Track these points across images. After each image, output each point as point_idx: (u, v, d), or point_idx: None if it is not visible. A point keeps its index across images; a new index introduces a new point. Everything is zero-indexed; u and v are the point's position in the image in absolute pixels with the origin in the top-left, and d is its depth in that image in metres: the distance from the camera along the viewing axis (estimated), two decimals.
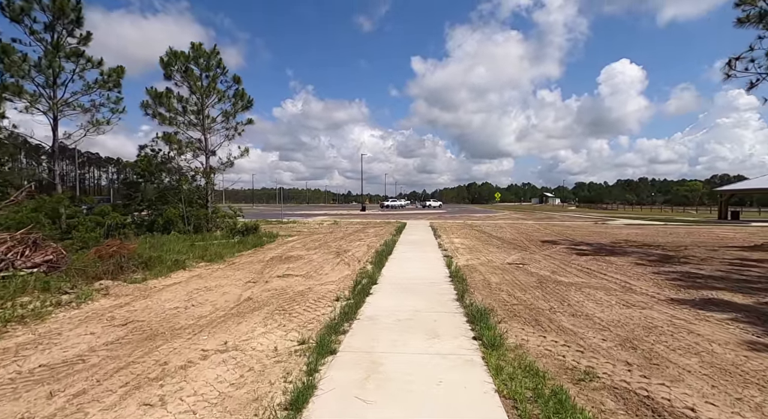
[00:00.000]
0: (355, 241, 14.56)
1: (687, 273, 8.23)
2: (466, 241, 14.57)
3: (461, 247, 12.71)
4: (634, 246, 13.23)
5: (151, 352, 3.91)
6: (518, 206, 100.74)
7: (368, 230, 19.28)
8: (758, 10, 11.41)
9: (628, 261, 9.87)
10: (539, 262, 9.67)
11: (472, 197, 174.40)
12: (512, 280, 7.38)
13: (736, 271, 8.54)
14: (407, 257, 10.34)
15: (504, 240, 14.98)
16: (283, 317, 5.11)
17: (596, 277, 7.71)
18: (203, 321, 4.97)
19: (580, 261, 9.83)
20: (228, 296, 6.30)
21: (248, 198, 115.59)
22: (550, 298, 5.98)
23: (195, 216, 16.08)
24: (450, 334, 4.31)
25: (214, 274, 8.30)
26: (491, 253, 11.33)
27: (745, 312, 5.24)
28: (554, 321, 4.76)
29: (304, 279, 7.62)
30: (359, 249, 12.04)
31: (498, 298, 5.99)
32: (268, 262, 9.82)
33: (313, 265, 9.29)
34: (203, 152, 17.34)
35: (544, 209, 62.71)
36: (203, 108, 16.95)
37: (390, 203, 68.03)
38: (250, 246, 13.03)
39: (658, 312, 5.21)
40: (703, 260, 10.08)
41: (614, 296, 6.09)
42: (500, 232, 18.59)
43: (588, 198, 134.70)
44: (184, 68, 16.04)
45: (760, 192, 34.86)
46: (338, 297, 6.02)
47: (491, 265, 9.19)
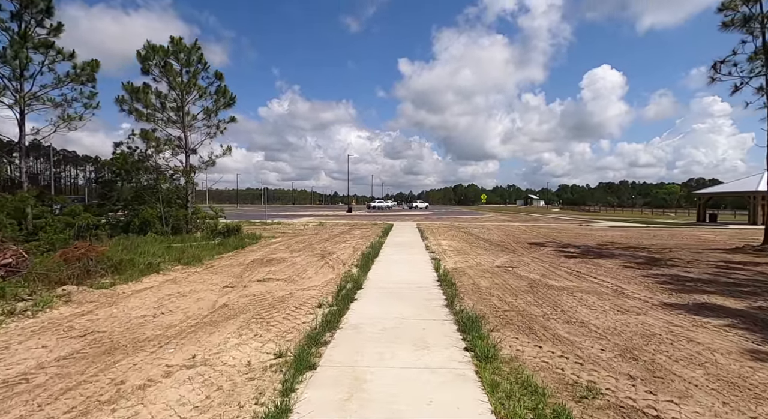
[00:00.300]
0: (341, 243, 14.19)
1: (676, 276, 8.15)
2: (453, 243, 14.35)
3: (449, 249, 12.47)
4: (621, 248, 13.23)
5: (108, 369, 3.49)
6: (504, 207, 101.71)
7: (354, 232, 18.91)
8: (741, 14, 11.55)
9: (617, 264, 9.78)
10: (528, 265, 9.48)
11: (459, 199, 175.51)
12: (502, 284, 7.14)
13: (724, 274, 8.51)
14: (394, 259, 10.03)
15: (491, 242, 14.83)
16: (260, 326, 4.73)
17: (587, 281, 7.54)
18: (171, 331, 4.55)
19: (569, 264, 9.69)
20: (202, 303, 5.87)
21: (232, 198, 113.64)
22: (542, 303, 5.75)
23: (173, 217, 15.44)
24: (440, 344, 4.01)
25: (190, 278, 7.83)
26: (479, 255, 11.12)
27: (741, 318, 5.10)
28: (549, 329, 4.51)
29: (285, 284, 7.23)
30: (344, 251, 11.68)
31: (489, 304, 5.73)
32: (249, 265, 9.38)
33: (296, 268, 8.89)
34: (183, 150, 16.71)
35: (529, 211, 63.36)
36: (183, 105, 16.33)
37: (377, 204, 67.73)
38: (231, 248, 12.54)
39: (654, 318, 5.02)
40: (690, 263, 10.07)
41: (607, 301, 5.90)
42: (487, 234, 18.47)
43: (571, 200, 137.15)
44: (163, 63, 15.41)
45: (733, 195, 35.84)
46: (321, 304, 5.67)
47: (480, 268, 8.95)
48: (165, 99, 15.76)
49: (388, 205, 71.03)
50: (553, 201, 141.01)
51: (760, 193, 28.71)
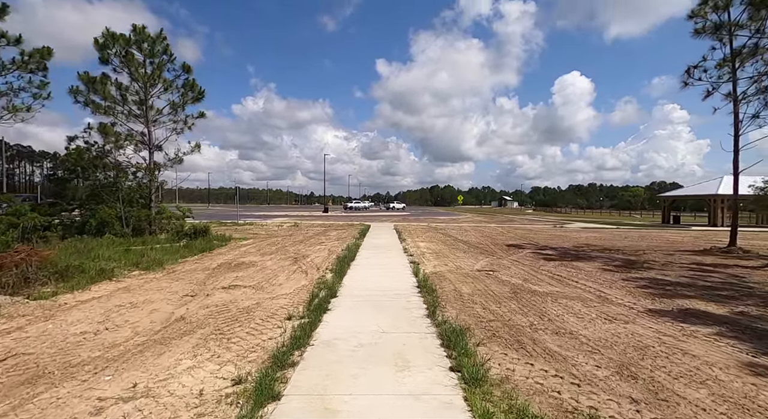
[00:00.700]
0: (316, 245, 13.61)
1: (654, 280, 8.10)
2: (431, 245, 14.06)
3: (427, 252, 12.14)
4: (596, 250, 13.31)
5: (22, 406, 2.87)
6: (479, 208, 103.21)
7: (330, 233, 18.33)
8: (712, 22, 11.83)
9: (595, 267, 9.71)
10: (509, 268, 9.26)
11: (435, 200, 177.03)
12: (485, 290, 6.83)
13: (699, 277, 8.56)
14: (371, 263, 9.58)
15: (470, 244, 14.63)
16: (220, 344, 4.17)
17: (569, 285, 7.35)
18: (113, 352, 3.93)
19: (549, 267, 9.54)
20: (156, 316, 5.22)
21: (204, 198, 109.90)
22: (528, 312, 5.46)
23: (135, 217, 14.39)
24: (423, 363, 3.60)
25: (147, 286, 7.10)
26: (459, 258, 10.84)
27: (727, 325, 4.97)
28: (538, 342, 4.19)
29: (253, 291, 6.64)
30: (319, 255, 11.13)
31: (473, 313, 5.38)
32: (215, 270, 8.69)
33: (266, 273, 8.29)
34: (147, 146, 15.63)
35: (503, 212, 64.41)
36: (147, 98, 15.27)
37: (353, 204, 67.02)
38: (198, 251, 11.73)
39: (643, 327, 4.80)
40: (665, 265, 10.15)
41: (593, 309, 5.68)
42: (465, 235, 18.33)
43: (543, 202, 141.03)
44: (124, 53, 14.34)
45: (695, 198, 37.52)
46: (290, 315, 5.14)
47: (460, 272, 8.64)
48: (126, 91, 14.68)
49: (365, 205, 70.45)
50: (526, 203, 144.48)
51: (720, 196, 30.15)
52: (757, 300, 6.40)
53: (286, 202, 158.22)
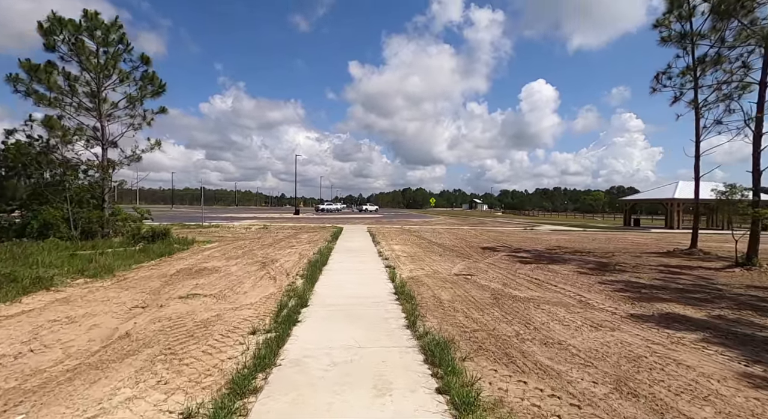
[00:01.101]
0: (286, 248, 12.94)
1: (629, 283, 8.11)
2: (406, 248, 13.73)
3: (403, 255, 11.79)
4: (569, 253, 13.44)
5: None
6: (450, 211, 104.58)
7: (301, 236, 17.64)
8: (678, 31, 12.24)
9: (570, 270, 9.69)
10: (486, 272, 9.05)
11: (407, 202, 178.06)
12: (465, 296, 6.52)
13: (670, 279, 8.67)
14: (345, 268, 9.09)
15: (445, 247, 14.43)
16: (169, 366, 3.58)
17: (549, 290, 7.18)
18: (34, 382, 3.26)
19: (525, 270, 9.41)
20: (96, 332, 4.52)
21: (168, 199, 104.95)
22: (512, 319, 5.17)
23: (85, 219, 13.17)
24: (405, 385, 3.19)
25: (91, 296, 6.29)
26: (435, 262, 10.55)
27: (710, 331, 4.88)
28: (528, 355, 3.88)
29: (214, 301, 6.00)
30: (289, 259, 10.51)
31: (455, 322, 5.03)
32: (173, 277, 7.93)
33: (230, 280, 7.63)
34: (100, 142, 14.41)
35: (474, 215, 65.41)
36: (100, 90, 14.08)
37: (326, 206, 65.95)
38: (156, 256, 10.81)
39: (630, 335, 4.62)
40: (635, 268, 10.29)
41: (576, 315, 5.48)
42: (439, 238, 18.16)
43: (511, 205, 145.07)
44: (74, 39, 13.13)
45: (653, 202, 39.46)
46: (255, 329, 4.59)
47: (438, 277, 8.32)
48: (76, 82, 13.44)
49: (338, 207, 69.51)
50: (495, 206, 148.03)
51: (676, 200, 31.83)
52: (730, 303, 6.45)
53: (255, 204, 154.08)
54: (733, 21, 10.64)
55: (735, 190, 10.20)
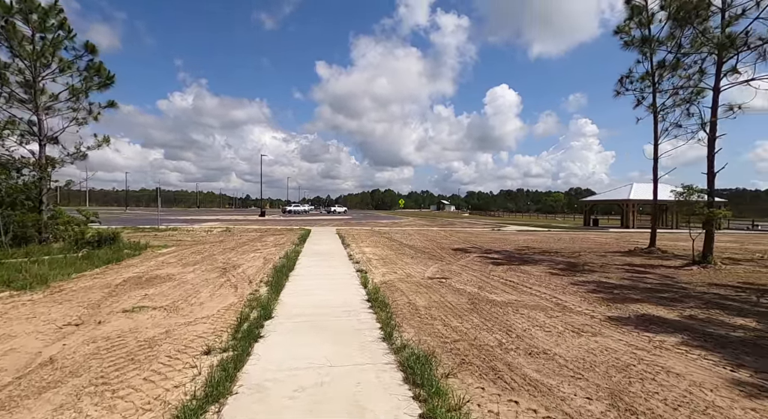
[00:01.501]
0: (250, 253, 12.18)
1: (600, 283, 8.15)
2: (377, 250, 13.34)
3: (374, 258, 11.39)
4: (538, 253, 13.57)
5: None
6: (419, 212, 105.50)
7: (267, 239, 16.82)
8: (639, 36, 12.68)
9: (542, 271, 9.67)
10: (460, 275, 8.82)
11: (376, 204, 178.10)
12: (441, 302, 6.21)
13: (638, 279, 8.82)
14: (313, 273, 8.56)
15: (416, 249, 14.18)
16: (99, 401, 2.97)
17: (525, 293, 7.03)
18: None
19: (499, 272, 9.28)
20: (9, 360, 3.78)
21: (122, 201, 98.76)
22: (492, 327, 4.90)
23: (17, 223, 11.77)
24: (385, 411, 2.78)
25: (14, 312, 5.42)
26: (407, 265, 10.22)
27: (687, 332, 4.84)
28: (515, 368, 3.59)
29: (164, 315, 5.32)
30: (253, 264, 9.82)
31: (434, 331, 4.68)
32: (119, 287, 7.09)
33: (186, 289, 6.91)
34: (36, 137, 12.97)
35: (442, 216, 66.19)
36: (36, 80, 12.67)
37: (293, 208, 64.31)
38: (102, 263, 9.77)
39: (613, 340, 4.47)
40: (602, 267, 10.47)
41: (556, 319, 5.30)
42: (410, 239, 17.93)
43: (477, 206, 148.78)
44: (4, 22, 11.71)
45: (611, 203, 41.44)
46: (210, 348, 4.02)
47: (412, 281, 7.99)
48: (6, 69, 12.00)
49: (305, 209, 67.99)
50: (462, 207, 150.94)
51: (631, 201, 33.59)
52: (697, 302, 6.55)
53: (219, 205, 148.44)
54: (689, 29, 11.14)
55: (692, 191, 10.64)
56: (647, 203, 35.80)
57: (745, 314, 5.80)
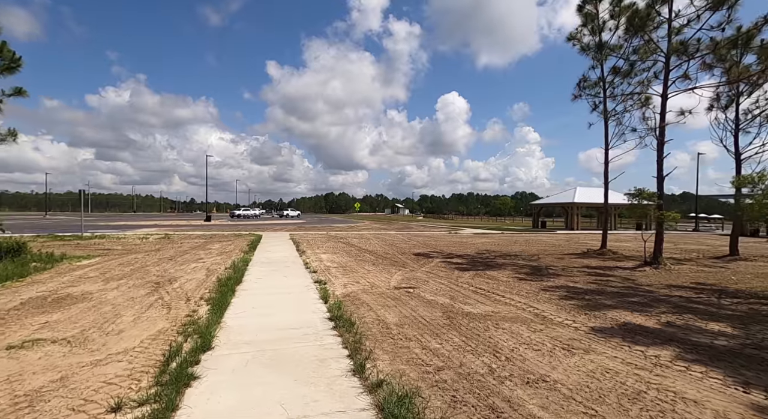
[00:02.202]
0: (191, 263, 10.78)
1: (569, 288, 7.95)
2: (336, 257, 12.45)
3: (333, 266, 10.51)
4: (498, 257, 13.45)
5: None
6: (374, 215, 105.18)
7: (211, 246, 15.25)
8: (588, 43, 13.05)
9: (509, 276, 9.38)
10: (427, 283, 8.24)
11: (330, 207, 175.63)
12: (414, 317, 5.53)
13: (602, 282, 8.78)
14: (265, 286, 7.52)
15: (376, 254, 13.48)
16: None
17: (499, 302, 6.57)
18: None
19: (466, 279, 8.83)
20: None
21: (42, 205, 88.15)
22: (476, 347, 4.29)
23: None
24: None
25: None
26: (370, 273, 9.48)
27: (675, 344, 4.57)
28: (517, 405, 2.97)
29: (65, 351, 4.12)
30: (193, 276, 8.55)
31: (412, 357, 3.97)
32: (12, 312, 5.64)
33: (103, 312, 5.63)
34: None
35: (398, 219, 66.22)
36: None
37: (242, 212, 60.93)
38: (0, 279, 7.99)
39: (608, 357, 4.04)
40: (565, 271, 10.44)
41: (541, 334, 4.83)
42: (368, 244, 17.20)
43: (431, 209, 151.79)
44: None
45: (554, 206, 43.45)
46: (120, 402, 2.99)
47: (377, 292, 7.25)
48: None
49: (256, 213, 64.72)
50: (416, 210, 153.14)
51: (576, 204, 35.52)
52: (667, 307, 6.47)
53: (160, 209, 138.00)
54: (637, 37, 11.60)
55: (644, 194, 11.00)
56: (590, 206, 38.16)
57: (717, 318, 5.74)
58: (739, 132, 12.87)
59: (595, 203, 37.45)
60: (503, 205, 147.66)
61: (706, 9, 9.92)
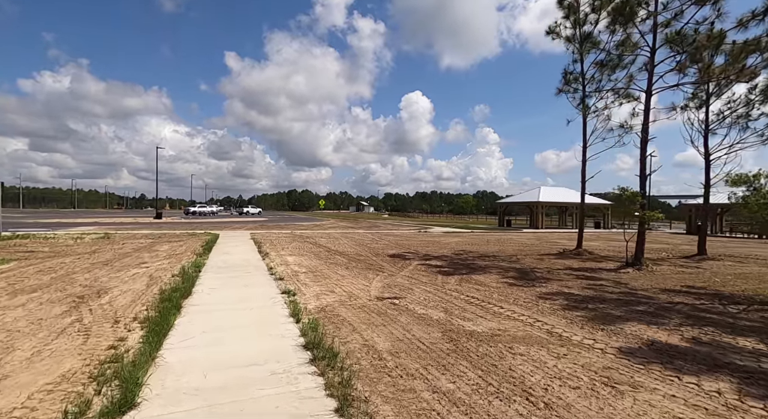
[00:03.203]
0: (131, 268, 9.12)
1: (566, 296, 7.28)
2: (304, 260, 11.19)
3: (301, 271, 9.27)
4: (477, 258, 12.76)
5: None
6: (338, 213, 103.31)
7: (159, 248, 13.41)
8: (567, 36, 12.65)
9: (496, 280, 8.62)
10: (412, 291, 7.26)
11: (293, 205, 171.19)
12: (409, 340, 4.50)
13: (596, 287, 8.23)
14: (220, 299, 6.19)
15: (348, 256, 12.34)
16: None
17: (500, 315, 5.70)
18: None
19: (452, 285, 7.95)
20: None
21: None
22: (501, 388, 3.33)
23: None
24: None
25: None
26: (344, 279, 8.35)
27: (726, 371, 3.88)
28: None
29: None
30: (131, 287, 7.02)
31: (423, 410, 2.93)
32: None
33: None
34: None
35: (364, 217, 65.10)
36: None
37: (198, 209, 56.99)
38: None
39: (667, 398, 3.24)
40: (551, 273, 9.87)
41: (567, 360, 3.97)
42: (338, 245, 16.01)
43: (395, 207, 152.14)
44: None
45: (520, 204, 44.14)
46: None
47: (357, 304, 6.16)
48: None
49: (213, 210, 60.91)
50: (381, 208, 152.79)
51: (541, 203, 36.15)
52: (680, 317, 5.90)
53: (106, 206, 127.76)
54: (620, 32, 11.30)
55: (627, 193, 10.68)
56: (553, 205, 39.09)
57: (740, 332, 5.20)
58: (709, 134, 13.01)
59: (559, 202, 38.48)
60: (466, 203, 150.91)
61: (691, 3, 9.69)
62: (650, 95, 10.54)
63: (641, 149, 10.74)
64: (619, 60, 11.61)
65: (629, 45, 11.07)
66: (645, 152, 10.69)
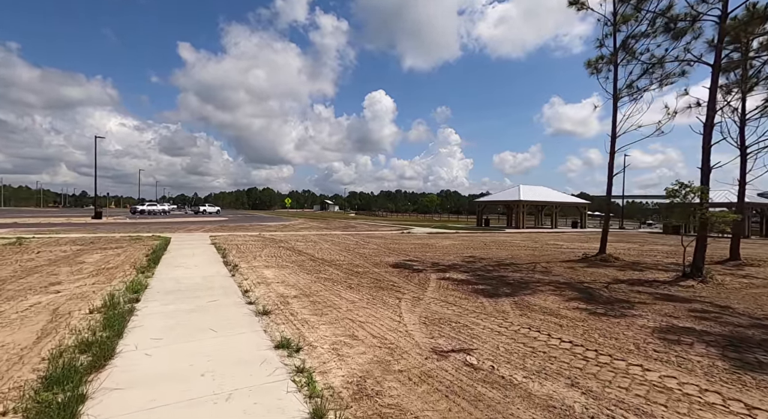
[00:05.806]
0: (31, 295, 6.00)
1: (701, 337, 5.16)
2: (287, 275, 8.43)
3: (290, 294, 6.55)
4: (498, 267, 10.54)
5: None
6: (303, 212, 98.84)
7: (86, 259, 10.04)
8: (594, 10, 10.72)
9: (566, 306, 6.40)
10: (471, 331, 4.82)
11: (253, 203, 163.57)
12: None
13: (705, 315, 6.22)
14: (165, 373, 3.39)
15: (341, 267, 9.71)
16: None
17: (638, 382, 3.40)
18: None
19: (513, 316, 5.61)
20: None
21: None
22: None
23: None
24: None
25: None
26: (358, 308, 5.77)
27: None
28: None
29: None
30: (7, 338, 4.02)
31: None
32: None
33: None
34: None
35: (332, 217, 61.74)
36: None
37: (146, 207, 50.93)
38: None
39: None
40: (615, 292, 7.84)
41: None
42: (320, 251, 13.26)
43: (360, 206, 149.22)
44: None
45: (502, 203, 42.96)
46: None
47: (411, 372, 3.62)
48: None
49: (165, 209, 54.91)
50: (345, 207, 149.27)
51: (522, 202, 35.08)
52: None
53: (39, 204, 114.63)
54: None
55: (689, 189, 8.86)
56: (534, 203, 38.18)
57: None
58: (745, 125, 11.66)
59: (540, 201, 37.65)
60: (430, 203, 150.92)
61: None
62: (719, 70, 8.77)
63: (705, 134, 8.98)
64: (675, 23, 9.69)
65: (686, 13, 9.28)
66: (710, 138, 8.96)
